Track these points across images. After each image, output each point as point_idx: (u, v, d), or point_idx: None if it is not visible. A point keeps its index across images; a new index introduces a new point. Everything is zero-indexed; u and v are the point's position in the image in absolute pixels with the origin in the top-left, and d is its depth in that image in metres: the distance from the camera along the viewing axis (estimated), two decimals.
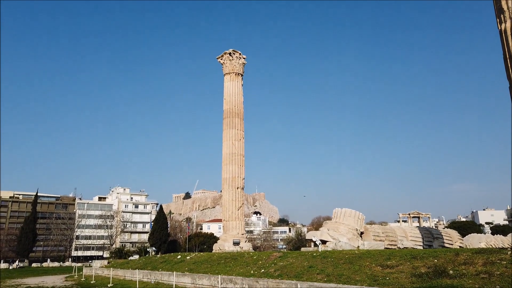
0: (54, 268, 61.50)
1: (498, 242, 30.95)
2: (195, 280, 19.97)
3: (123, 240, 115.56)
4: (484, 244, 29.64)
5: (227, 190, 35.76)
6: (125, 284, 24.46)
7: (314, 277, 14.75)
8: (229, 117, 36.70)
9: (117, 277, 30.00)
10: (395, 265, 13.78)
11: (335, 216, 25.11)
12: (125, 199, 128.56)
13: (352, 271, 14.20)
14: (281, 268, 17.28)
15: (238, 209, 35.48)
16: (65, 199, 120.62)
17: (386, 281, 12.23)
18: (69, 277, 35.20)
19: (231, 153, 35.98)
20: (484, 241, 30.37)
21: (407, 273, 12.63)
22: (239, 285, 16.56)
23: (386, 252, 16.33)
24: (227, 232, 34.97)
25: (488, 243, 30.08)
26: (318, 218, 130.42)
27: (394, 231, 26.12)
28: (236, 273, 18.82)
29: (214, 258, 24.77)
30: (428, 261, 13.34)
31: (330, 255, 17.35)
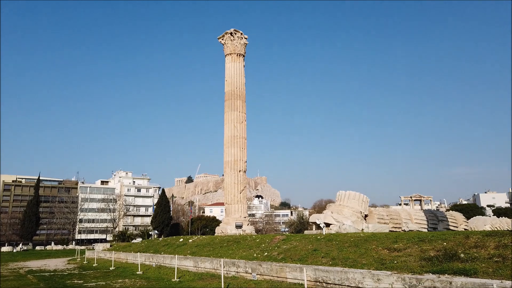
0: (58, 251, 61.85)
1: (503, 224, 30.66)
2: (197, 263, 19.71)
3: (126, 224, 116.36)
4: (489, 227, 29.34)
5: (229, 173, 35.36)
6: (127, 267, 24.30)
7: (319, 261, 14.40)
8: (231, 99, 36.01)
9: (119, 260, 29.91)
10: (403, 248, 13.38)
11: (339, 198, 24.72)
12: (128, 183, 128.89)
13: (358, 255, 13.82)
14: (285, 251, 16.94)
15: (240, 192, 35.15)
16: (67, 183, 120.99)
17: (394, 265, 11.84)
18: (72, 260, 35.22)
19: (233, 136, 35.44)
20: (489, 223, 30.06)
21: (416, 256, 12.23)
22: (242, 269, 16.26)
23: (392, 235, 15.93)
24: (229, 215, 34.74)
25: (493, 226, 29.78)
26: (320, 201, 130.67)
27: (398, 214, 25.75)
28: (238, 257, 18.54)
29: (216, 241, 24.52)
30: (437, 244, 12.92)
31: (334, 238, 16.98)
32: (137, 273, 20.88)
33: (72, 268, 26.33)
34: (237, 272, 16.58)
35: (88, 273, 22.55)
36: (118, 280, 17.98)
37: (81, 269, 25.68)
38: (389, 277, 10.39)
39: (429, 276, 9.97)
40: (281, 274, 14.11)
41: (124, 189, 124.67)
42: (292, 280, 13.59)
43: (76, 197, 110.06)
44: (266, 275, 14.82)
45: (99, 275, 21.13)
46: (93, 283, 17.18)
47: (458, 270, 10.13)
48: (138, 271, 21.32)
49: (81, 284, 17.20)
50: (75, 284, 17.10)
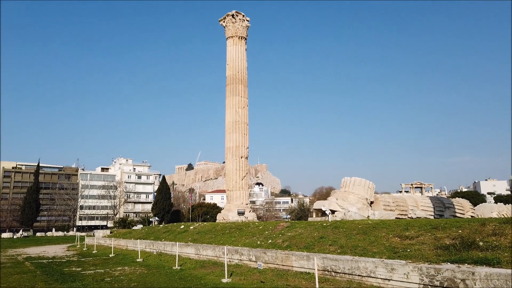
0: (58, 237, 61.67)
1: (510, 211, 30.08)
2: (199, 250, 19.16)
3: (127, 210, 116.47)
4: (496, 214, 28.75)
5: (230, 159, 34.69)
6: (127, 254, 23.80)
7: (326, 249, 13.78)
8: (232, 83, 35.09)
9: (119, 247, 29.46)
10: (415, 236, 12.73)
11: (344, 185, 24.07)
12: (128, 170, 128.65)
13: (368, 242, 13.19)
14: (290, 239, 16.33)
15: (242, 179, 34.54)
16: (68, 169, 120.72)
17: (407, 253, 11.20)
18: (71, 247, 34.81)
19: (235, 121, 34.65)
20: (496, 210, 29.46)
21: (430, 244, 11.58)
22: (246, 257, 15.67)
23: (402, 222, 15.28)
24: (231, 202, 34.19)
25: (500, 213, 29.18)
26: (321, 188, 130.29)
27: (405, 201, 25.14)
28: (241, 244, 17.96)
29: (218, 228, 23.96)
30: (451, 231, 12.26)
31: (341, 225, 16.36)
32: (137, 260, 20.36)
33: (71, 255, 25.86)
34: (240, 260, 16.01)
35: (87, 260, 22.04)
36: (117, 268, 17.43)
37: (80, 256, 25.19)
38: (404, 266, 9.74)
39: (447, 265, 9.32)
40: (287, 263, 13.52)
41: (124, 176, 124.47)
42: (299, 269, 12.99)
43: (77, 184, 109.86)
44: (271, 263, 14.22)
45: (98, 262, 20.61)
46: (92, 271, 16.63)
47: (479, 259, 9.48)
48: (138, 258, 20.80)
49: (79, 271, 16.65)
50: (73, 272, 16.55)
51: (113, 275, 15.23)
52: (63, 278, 14.52)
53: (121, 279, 14.04)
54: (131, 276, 14.76)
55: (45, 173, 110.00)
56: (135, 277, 14.34)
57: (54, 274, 15.87)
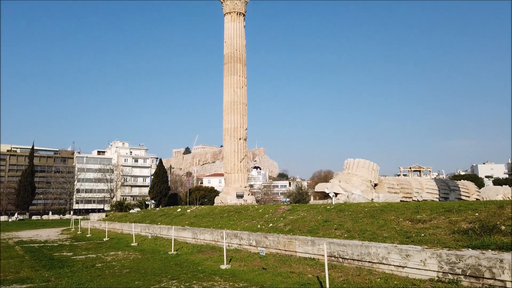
0: (54, 221, 61.04)
1: None
2: (196, 234, 18.34)
3: (124, 194, 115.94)
4: (502, 197, 28.06)
5: (228, 141, 33.68)
6: (121, 238, 23.02)
7: (332, 233, 12.92)
8: (230, 62, 33.79)
9: (114, 231, 28.71)
10: (427, 219, 11.86)
11: (347, 167, 23.18)
12: (125, 153, 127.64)
13: (377, 226, 12.32)
14: (292, 223, 15.48)
15: (240, 161, 33.61)
16: (63, 152, 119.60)
17: (422, 238, 10.33)
18: (66, 230, 34.08)
19: (233, 102, 33.49)
20: (502, 193, 28.76)
21: (445, 228, 10.71)
22: (246, 241, 14.84)
23: (412, 204, 14.43)
24: (229, 185, 33.35)
25: (505, 195, 28.50)
26: (319, 172, 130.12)
27: (409, 183, 24.34)
28: (240, 228, 17.12)
29: (216, 211, 23.14)
30: (467, 214, 11.39)
31: (346, 208, 15.49)
32: (132, 244, 19.55)
33: (64, 239, 25.06)
34: (239, 244, 15.18)
35: (80, 244, 21.23)
36: (110, 253, 16.60)
37: (74, 240, 24.40)
38: (421, 252, 8.86)
39: (469, 251, 8.44)
40: (290, 248, 12.67)
41: (121, 159, 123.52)
42: (303, 255, 12.15)
43: (72, 167, 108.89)
44: (273, 248, 13.38)
45: (91, 246, 19.79)
46: (83, 256, 15.79)
47: (503, 245, 8.60)
48: (133, 242, 19.98)
49: (70, 256, 15.81)
50: (63, 257, 15.71)
51: (105, 260, 14.38)
52: (51, 263, 13.66)
53: (113, 265, 13.19)
54: (124, 261, 13.91)
55: (41, 156, 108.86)
56: (128, 263, 13.49)
57: (43, 259, 15.02)
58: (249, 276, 10.41)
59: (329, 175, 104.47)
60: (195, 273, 11.20)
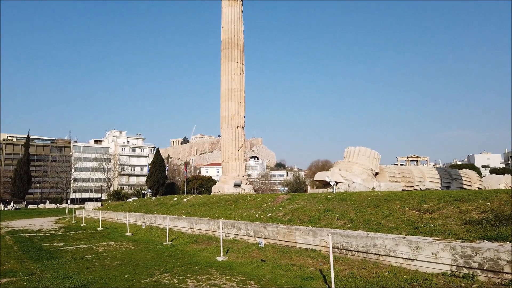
0: (50, 210, 60.43)
1: None
2: (192, 224, 17.70)
3: (122, 183, 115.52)
4: (504, 186, 27.59)
5: (226, 129, 32.88)
6: (116, 228, 22.38)
7: (334, 223, 12.29)
8: (228, 48, 32.80)
9: (109, 220, 28.10)
10: (435, 209, 11.23)
11: (348, 155, 22.50)
12: (122, 143, 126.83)
13: (381, 216, 11.69)
14: (291, 212, 14.85)
15: (238, 150, 32.87)
16: (60, 141, 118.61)
17: (431, 229, 9.70)
18: (60, 220, 33.46)
19: (230, 89, 32.61)
20: (504, 182, 28.26)
21: (455, 218, 10.08)
22: (244, 231, 14.21)
23: (417, 193, 13.79)
24: (226, 173, 32.67)
25: (507, 184, 28.04)
26: (317, 161, 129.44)
27: (411, 172, 23.71)
28: (238, 217, 16.49)
29: (213, 200, 22.51)
30: (478, 204, 10.76)
31: (348, 197, 14.86)
32: (126, 234, 18.92)
33: (57, 229, 24.42)
34: (237, 235, 14.56)
35: (72, 234, 20.59)
36: (102, 243, 15.96)
37: (67, 229, 23.76)
38: (432, 244, 8.22)
39: (486, 244, 7.81)
40: (290, 238, 12.05)
41: (118, 149, 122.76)
42: (303, 245, 11.54)
43: (69, 156, 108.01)
44: (272, 238, 12.76)
45: (83, 236, 19.15)
46: (74, 247, 15.15)
47: None
48: (127, 232, 19.35)
49: (60, 247, 15.16)
50: (53, 247, 15.06)
51: (96, 251, 13.74)
52: (39, 255, 13.00)
53: (103, 256, 12.54)
54: (116, 252, 13.27)
55: (37, 145, 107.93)
56: (120, 254, 12.85)
57: (31, 250, 14.36)
58: (247, 268, 9.78)
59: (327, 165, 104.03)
60: (190, 265, 10.57)
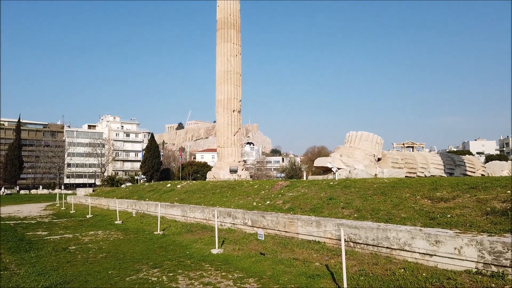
0: (42, 195, 59.30)
1: None
2: (185, 212, 16.73)
3: (116, 169, 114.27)
4: (507, 172, 26.86)
5: (221, 113, 31.73)
6: (106, 215, 21.39)
7: (339, 212, 11.34)
8: (223, 28, 31.39)
9: (100, 207, 27.09)
10: (449, 197, 10.30)
11: (349, 140, 21.50)
12: (116, 128, 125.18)
13: (391, 205, 10.75)
14: (292, 200, 13.90)
15: (234, 135, 31.80)
16: (53, 126, 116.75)
17: (449, 220, 8.77)
18: (50, 206, 32.42)
19: (226, 71, 31.34)
20: (507, 168, 27.52)
21: (474, 208, 9.15)
22: (240, 220, 13.25)
23: (427, 180, 12.86)
24: (222, 159, 31.65)
25: (510, 171, 27.33)
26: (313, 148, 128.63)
27: (414, 158, 22.80)
28: (234, 205, 15.53)
29: (208, 187, 21.52)
30: (497, 192, 9.82)
31: (352, 184, 13.91)
32: (116, 222, 17.93)
33: (45, 216, 23.39)
34: (233, 224, 13.61)
35: (60, 222, 19.57)
36: (89, 232, 14.97)
37: (55, 216, 22.73)
38: (455, 238, 7.28)
39: None
40: (291, 229, 11.11)
41: (112, 134, 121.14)
42: (306, 237, 10.60)
43: (62, 141, 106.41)
44: (271, 229, 11.82)
45: (71, 224, 18.15)
46: (58, 236, 14.14)
47: None
48: (117, 220, 18.37)
49: (43, 236, 14.15)
50: (36, 237, 14.05)
51: (81, 242, 12.74)
52: (18, 246, 11.99)
53: (88, 247, 11.54)
54: (103, 243, 12.27)
55: (29, 130, 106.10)
56: (106, 245, 11.86)
57: (11, 240, 13.33)
58: (244, 263, 8.83)
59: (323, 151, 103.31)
60: (181, 259, 9.60)
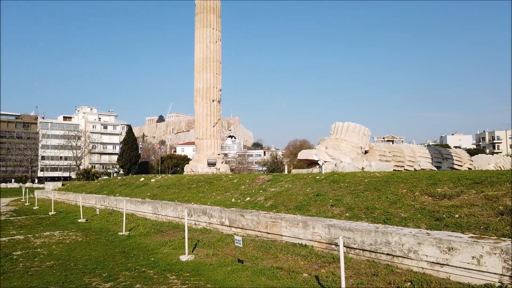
0: (10, 189, 56.27)
1: (506, 163, 27.74)
2: (157, 209, 15.12)
3: (93, 162, 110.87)
4: (493, 166, 26.26)
5: (200, 103, 30.00)
6: (70, 212, 19.54)
7: (328, 210, 9.99)
8: (203, 12, 29.56)
9: (68, 202, 25.12)
10: (453, 194, 9.06)
11: (335, 131, 20.24)
12: (93, 119, 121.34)
13: (387, 203, 9.45)
14: (274, 196, 12.48)
15: (213, 126, 30.16)
16: (26, 117, 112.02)
17: (458, 221, 7.51)
18: (15, 201, 30.14)
19: (206, 58, 29.57)
20: (493, 162, 26.95)
21: (485, 207, 7.91)
22: (217, 219, 11.76)
23: (423, 174, 11.64)
24: (200, 152, 30.01)
25: (497, 165, 26.76)
26: (294, 141, 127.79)
27: (401, 150, 21.75)
28: (211, 202, 14.02)
29: (184, 181, 19.93)
30: (507, 188, 8.62)
31: (341, 179, 12.59)
32: (79, 221, 16.17)
33: (4, 212, 21.33)
34: (209, 223, 12.11)
35: (17, 220, 17.65)
36: (45, 233, 13.20)
37: (15, 213, 20.73)
38: (472, 245, 5.99)
39: None
40: (274, 230, 9.69)
41: (89, 126, 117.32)
42: (291, 239, 9.21)
43: (36, 133, 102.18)
44: (251, 229, 10.39)
45: (28, 223, 16.28)
46: (7, 238, 12.35)
47: None
48: (81, 218, 16.59)
49: None
50: None
51: (31, 245, 11.00)
52: None
53: (36, 253, 9.85)
54: (55, 247, 10.58)
55: (1, 121, 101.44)
56: (58, 250, 10.18)
57: None
58: (218, 274, 7.36)
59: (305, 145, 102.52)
60: (143, 268, 8.05)
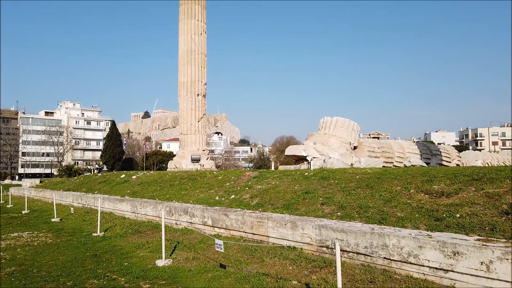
0: None
1: (494, 159, 27.74)
2: (136, 208, 14.25)
3: (76, 158, 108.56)
4: (481, 162, 26.15)
5: (184, 97, 29.09)
6: (45, 211, 18.49)
7: (319, 209, 9.31)
8: (187, 3, 28.58)
9: (44, 200, 23.98)
10: (451, 191, 8.46)
11: (324, 126, 19.65)
12: (76, 115, 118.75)
13: (381, 202, 8.82)
14: (261, 194, 11.76)
15: (198, 121, 29.29)
16: (5, 112, 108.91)
17: (459, 221, 6.90)
18: None
19: (190, 51, 28.62)
20: (481, 158, 26.89)
21: (488, 206, 7.32)
22: (199, 218, 10.98)
23: (416, 171, 11.09)
24: (184, 147, 29.12)
25: (484, 161, 26.67)
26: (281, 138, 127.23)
27: (391, 146, 21.32)
28: (194, 200, 13.23)
29: (166, 178, 19.05)
30: (507, 185, 8.08)
31: (331, 175, 11.95)
32: (53, 220, 15.18)
33: None
34: (190, 223, 11.33)
35: None
36: (12, 234, 12.22)
37: None
38: (481, 250, 5.37)
39: None
40: (260, 231, 8.97)
41: (71, 121, 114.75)
42: (278, 241, 8.49)
43: (16, 129, 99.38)
44: (236, 230, 9.66)
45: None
46: None
47: None
48: (55, 217, 15.60)
49: None
50: None
51: None
52: None
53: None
54: (20, 250, 9.66)
55: None
56: (23, 254, 9.26)
57: None
58: (198, 282, 6.60)
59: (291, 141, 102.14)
60: (114, 275, 7.24)
